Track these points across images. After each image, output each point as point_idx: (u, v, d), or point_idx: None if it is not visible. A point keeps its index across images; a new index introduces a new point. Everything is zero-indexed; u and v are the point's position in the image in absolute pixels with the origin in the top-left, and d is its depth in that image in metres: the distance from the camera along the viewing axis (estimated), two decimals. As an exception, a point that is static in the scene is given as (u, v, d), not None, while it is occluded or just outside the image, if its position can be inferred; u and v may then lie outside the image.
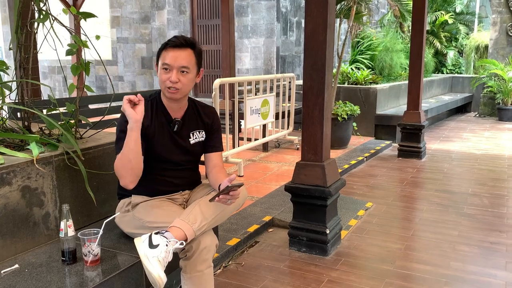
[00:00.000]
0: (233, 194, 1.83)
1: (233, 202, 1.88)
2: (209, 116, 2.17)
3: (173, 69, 1.93)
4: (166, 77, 1.94)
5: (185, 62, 1.94)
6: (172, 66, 1.93)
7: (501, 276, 2.62)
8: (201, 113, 2.15)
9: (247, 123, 4.77)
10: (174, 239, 1.76)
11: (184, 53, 1.94)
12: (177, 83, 1.93)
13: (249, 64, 9.04)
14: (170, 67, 1.93)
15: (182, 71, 1.94)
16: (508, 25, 9.28)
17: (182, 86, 1.95)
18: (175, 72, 1.93)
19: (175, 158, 2.04)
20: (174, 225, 1.81)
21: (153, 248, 1.72)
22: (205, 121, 2.15)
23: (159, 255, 1.70)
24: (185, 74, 1.95)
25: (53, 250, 2.00)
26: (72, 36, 2.33)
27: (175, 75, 1.92)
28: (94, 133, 2.56)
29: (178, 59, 1.93)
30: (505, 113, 9.00)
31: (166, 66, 1.93)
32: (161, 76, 1.95)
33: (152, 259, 1.69)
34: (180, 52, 1.93)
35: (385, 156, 5.84)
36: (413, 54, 5.55)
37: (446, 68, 12.88)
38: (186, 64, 1.94)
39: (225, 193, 1.83)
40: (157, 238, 1.75)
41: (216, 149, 2.18)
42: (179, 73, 1.94)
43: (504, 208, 3.80)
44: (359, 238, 3.18)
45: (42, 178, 2.03)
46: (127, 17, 10.17)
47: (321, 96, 2.78)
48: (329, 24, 2.73)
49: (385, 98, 7.16)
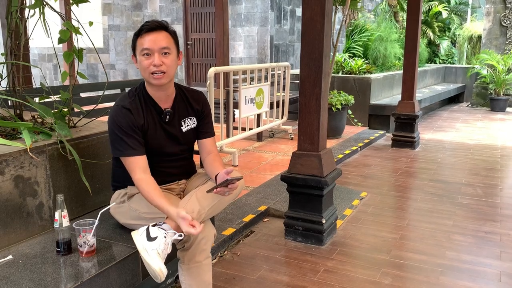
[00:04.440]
0: (231, 187, 1.81)
1: (230, 193, 1.86)
2: (199, 101, 2.11)
3: (154, 53, 1.86)
4: (148, 63, 1.87)
5: (164, 43, 1.87)
6: (153, 49, 1.86)
7: (495, 265, 2.64)
8: (190, 99, 2.09)
9: (241, 112, 4.74)
10: (172, 230, 1.73)
11: (161, 35, 1.87)
12: (162, 66, 1.87)
13: (242, 53, 8.97)
14: (151, 51, 1.86)
15: (164, 53, 1.88)
16: (502, 15, 9.28)
17: (167, 68, 1.89)
18: (157, 55, 1.86)
19: (169, 149, 2.01)
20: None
21: (151, 240, 1.69)
22: (195, 107, 2.09)
23: (158, 248, 1.68)
24: (167, 56, 1.89)
25: (47, 241, 1.97)
26: (65, 22, 2.27)
27: (158, 58, 1.86)
28: (87, 122, 2.52)
29: (157, 41, 1.86)
30: (497, 103, 9.04)
31: (146, 51, 1.86)
32: (143, 63, 1.88)
33: (151, 252, 1.67)
34: (157, 35, 1.86)
35: (379, 146, 5.84)
36: (408, 44, 5.53)
37: (439, 58, 12.89)
38: (166, 45, 1.88)
39: (223, 186, 1.81)
40: (155, 230, 1.73)
41: (209, 134, 2.13)
42: (161, 56, 1.87)
43: (497, 198, 3.82)
44: (354, 228, 3.18)
45: (35, 167, 1.99)
46: (118, 4, 10.02)
47: (318, 86, 2.75)
48: (327, 12, 2.70)
49: (379, 88, 7.15)
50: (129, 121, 1.88)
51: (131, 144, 1.86)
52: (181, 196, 2.10)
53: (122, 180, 2.03)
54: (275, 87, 5.59)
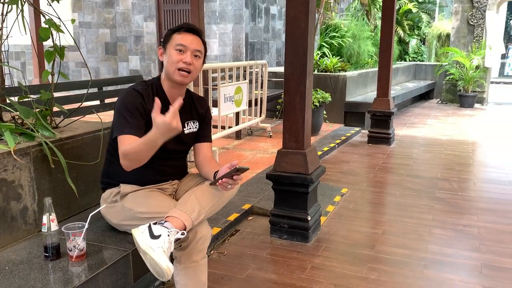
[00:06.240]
0: (236, 178, 1.81)
1: (233, 187, 1.85)
2: (203, 106, 2.17)
3: (188, 51, 1.92)
4: (179, 58, 1.90)
5: (199, 46, 1.96)
6: (188, 47, 1.92)
7: (475, 257, 2.72)
8: (196, 103, 2.13)
9: (221, 110, 4.72)
10: (174, 229, 1.70)
11: (198, 39, 1.97)
12: (190, 65, 1.92)
13: (217, 51, 8.93)
14: (186, 49, 1.91)
15: (195, 55, 1.94)
16: (469, 14, 9.56)
17: (194, 70, 1.94)
18: (189, 54, 1.92)
19: (169, 146, 1.98)
20: (172, 215, 1.75)
21: (155, 238, 1.66)
22: (199, 111, 2.14)
23: (163, 245, 1.64)
24: (197, 59, 1.96)
25: (33, 246, 1.91)
26: (46, 20, 2.20)
27: (190, 56, 1.91)
28: (70, 122, 2.45)
29: (194, 42, 1.94)
30: (466, 99, 9.33)
31: (181, 47, 1.91)
32: (174, 56, 1.91)
33: (157, 249, 1.63)
34: (194, 37, 1.95)
35: (356, 143, 5.93)
36: (383, 42, 5.63)
37: (409, 56, 13.19)
38: (200, 48, 1.96)
39: (228, 177, 1.79)
40: (158, 228, 1.69)
41: (208, 139, 2.16)
42: (193, 57, 1.93)
43: (472, 192, 3.94)
44: (337, 224, 3.22)
45: (19, 170, 1.92)
46: (89, 0, 9.79)
47: (303, 84, 2.76)
48: (311, 11, 2.71)
49: (354, 85, 7.25)
50: (137, 103, 1.88)
51: (133, 124, 1.84)
52: (173, 197, 2.07)
53: (116, 177, 1.99)
54: (253, 85, 5.59)
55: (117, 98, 1.94)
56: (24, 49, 10.44)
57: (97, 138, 2.32)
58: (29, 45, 9.22)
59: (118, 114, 1.88)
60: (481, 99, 9.62)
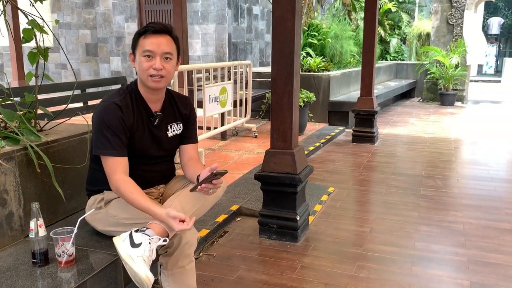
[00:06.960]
0: (216, 182, 1.78)
1: (215, 191, 1.83)
2: (186, 106, 2.09)
3: (156, 56, 1.82)
4: (148, 65, 1.82)
5: (168, 48, 1.84)
6: (155, 52, 1.82)
7: (461, 253, 2.76)
8: (178, 104, 2.06)
9: (206, 111, 4.69)
10: (156, 236, 1.68)
11: (165, 39, 1.85)
12: (162, 70, 1.83)
13: (200, 51, 8.88)
14: (153, 54, 1.82)
15: (165, 58, 1.85)
16: (448, 14, 9.72)
17: (167, 74, 1.86)
18: (158, 59, 1.82)
19: (152, 153, 1.95)
20: (154, 221, 1.72)
21: (135, 247, 1.62)
22: (183, 112, 2.07)
23: (144, 254, 1.61)
24: (168, 61, 1.86)
25: (20, 252, 1.86)
26: (29, 21, 2.15)
27: (159, 62, 1.82)
28: (55, 125, 2.40)
29: (161, 45, 1.83)
30: (446, 98, 9.49)
31: (148, 53, 1.82)
32: (143, 64, 1.83)
33: (137, 259, 1.60)
34: (161, 38, 1.83)
35: (340, 142, 5.97)
36: (366, 41, 5.67)
37: (390, 55, 13.34)
38: (169, 50, 1.85)
39: (207, 182, 1.77)
40: (139, 236, 1.66)
41: (192, 140, 2.11)
42: (163, 60, 1.84)
43: (456, 189, 4.01)
44: (325, 223, 3.23)
45: (4, 174, 1.87)
46: (69, 1, 9.63)
47: (290, 84, 2.77)
48: (297, 11, 2.71)
49: (337, 85, 7.30)
50: (117, 118, 1.80)
51: (115, 143, 1.79)
52: (159, 201, 2.04)
53: (100, 185, 1.95)
54: (237, 86, 5.57)
55: (95, 111, 1.87)
56: (2, 50, 10.22)
57: (83, 141, 2.29)
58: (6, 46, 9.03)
59: (98, 132, 1.82)
60: (461, 97, 9.80)
